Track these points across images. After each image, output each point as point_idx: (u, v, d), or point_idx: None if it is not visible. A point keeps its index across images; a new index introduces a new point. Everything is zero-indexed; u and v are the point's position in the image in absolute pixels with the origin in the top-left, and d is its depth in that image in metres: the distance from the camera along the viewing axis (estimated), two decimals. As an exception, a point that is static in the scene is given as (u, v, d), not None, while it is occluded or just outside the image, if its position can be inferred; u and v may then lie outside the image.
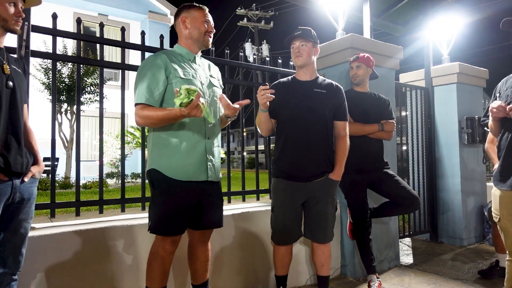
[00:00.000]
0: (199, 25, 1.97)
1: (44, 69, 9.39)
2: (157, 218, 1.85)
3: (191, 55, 2.01)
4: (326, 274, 2.42)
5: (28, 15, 2.04)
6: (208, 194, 1.96)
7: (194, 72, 1.96)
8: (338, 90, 2.41)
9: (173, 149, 1.86)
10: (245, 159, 3.32)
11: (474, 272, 3.21)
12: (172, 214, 1.84)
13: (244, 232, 2.68)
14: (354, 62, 2.87)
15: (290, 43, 2.39)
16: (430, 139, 4.38)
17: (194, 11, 1.98)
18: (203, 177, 1.92)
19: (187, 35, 1.98)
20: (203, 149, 1.92)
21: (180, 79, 1.86)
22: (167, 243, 1.86)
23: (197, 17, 1.97)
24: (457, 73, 4.25)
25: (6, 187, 1.50)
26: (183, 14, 1.99)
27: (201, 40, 2.00)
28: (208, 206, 1.98)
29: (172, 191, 1.84)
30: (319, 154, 2.31)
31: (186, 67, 1.95)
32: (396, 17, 4.80)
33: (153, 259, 1.89)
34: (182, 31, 2.00)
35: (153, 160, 1.90)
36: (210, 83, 2.04)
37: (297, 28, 2.39)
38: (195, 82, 1.92)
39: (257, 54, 23.80)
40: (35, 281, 1.90)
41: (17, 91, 1.56)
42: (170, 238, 1.86)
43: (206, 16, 2.00)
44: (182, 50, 2.01)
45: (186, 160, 1.87)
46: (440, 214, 4.34)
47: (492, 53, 29.37)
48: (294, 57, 2.37)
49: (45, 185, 7.68)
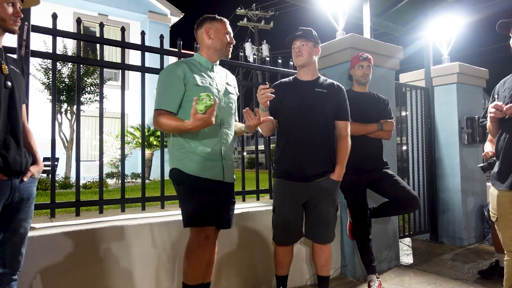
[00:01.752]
0: (221, 37, 2.07)
1: (44, 69, 9.39)
2: (191, 211, 1.92)
3: (210, 64, 2.09)
4: (326, 274, 2.42)
5: (28, 15, 2.04)
6: (223, 194, 2.04)
7: (211, 80, 2.05)
8: (339, 90, 2.41)
9: (192, 150, 1.95)
10: (245, 159, 3.32)
11: (474, 272, 3.21)
12: (203, 206, 1.91)
13: (244, 232, 2.68)
14: (365, 61, 2.84)
15: (291, 43, 2.39)
16: (430, 139, 4.38)
17: (217, 23, 2.08)
18: (220, 177, 2.01)
19: (209, 45, 2.07)
20: (219, 151, 2.01)
21: (197, 86, 1.95)
22: (201, 237, 1.91)
23: (220, 28, 2.07)
24: (457, 73, 4.25)
25: (6, 187, 1.50)
26: (206, 25, 2.07)
27: (223, 51, 2.09)
28: (222, 206, 2.04)
29: (197, 186, 1.93)
30: (320, 154, 2.30)
31: (204, 75, 2.03)
32: (396, 17, 4.80)
33: (189, 255, 1.93)
34: (205, 41, 2.08)
35: (174, 160, 1.99)
36: (226, 91, 2.12)
37: (298, 28, 2.39)
38: (211, 89, 2.01)
39: (257, 54, 23.80)
40: (35, 281, 1.90)
41: (15, 91, 1.56)
42: (204, 232, 1.91)
43: (228, 28, 2.10)
44: (202, 59, 2.09)
45: (204, 162, 1.96)
46: (440, 214, 4.34)
47: (492, 53, 29.38)
48: (295, 57, 2.37)
49: (45, 185, 7.67)
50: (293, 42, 2.37)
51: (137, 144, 10.95)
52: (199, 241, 1.91)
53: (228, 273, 2.57)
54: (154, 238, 2.26)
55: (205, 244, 1.93)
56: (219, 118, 2.01)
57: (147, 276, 2.23)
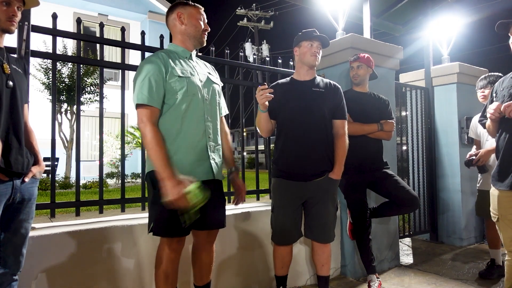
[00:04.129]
0: (195, 22, 1.94)
1: (44, 69, 9.39)
2: (159, 219, 1.79)
3: (187, 53, 1.97)
4: (326, 274, 2.42)
5: (28, 16, 2.05)
6: (212, 193, 1.89)
7: (191, 70, 1.92)
8: (336, 89, 2.42)
9: (173, 148, 1.81)
10: (245, 159, 3.32)
11: (474, 272, 3.22)
12: (174, 214, 1.75)
13: (244, 232, 2.68)
14: (354, 62, 2.87)
15: (307, 39, 2.36)
16: (430, 139, 4.38)
17: (190, 8, 1.95)
18: (207, 177, 1.88)
19: (182, 30, 1.94)
20: (204, 147, 1.88)
21: (178, 77, 1.83)
22: (172, 245, 1.82)
23: (193, 13, 1.94)
24: (457, 73, 4.25)
25: (7, 188, 1.50)
26: (178, 9, 1.94)
27: (198, 37, 1.96)
28: (211, 206, 1.89)
29: None
30: (318, 154, 2.31)
31: (184, 65, 1.91)
32: (396, 17, 4.80)
33: (159, 262, 1.84)
34: (177, 26, 1.94)
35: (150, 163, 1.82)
36: (209, 79, 2.00)
37: (314, 30, 2.39)
38: (193, 79, 1.88)
39: (257, 54, 23.80)
40: (36, 281, 1.90)
41: (17, 91, 1.56)
42: (176, 239, 1.82)
43: (202, 14, 1.98)
44: (178, 48, 1.96)
45: (187, 159, 1.82)
46: (440, 214, 4.34)
47: (492, 53, 29.39)
48: (310, 55, 2.33)
49: (45, 185, 7.68)
50: (312, 40, 2.35)
51: (137, 144, 10.94)
52: (170, 248, 1.81)
53: (228, 273, 2.57)
54: (154, 238, 2.26)
55: (176, 250, 1.83)
56: (203, 111, 1.89)
57: (147, 276, 2.23)
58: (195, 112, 1.86)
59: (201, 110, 1.88)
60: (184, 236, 1.84)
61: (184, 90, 1.83)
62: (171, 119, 1.82)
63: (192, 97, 1.85)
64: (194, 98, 1.86)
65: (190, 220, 1.70)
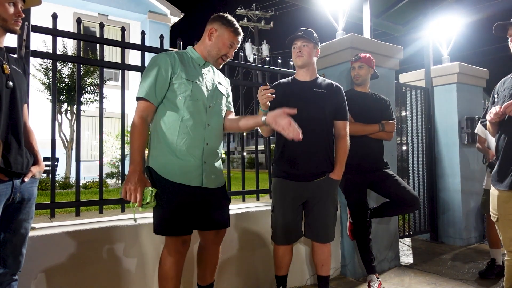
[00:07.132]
0: (221, 45, 1.94)
1: (44, 69, 9.39)
2: (160, 218, 1.83)
3: (201, 61, 1.98)
4: (326, 274, 2.42)
5: (28, 15, 2.04)
6: (210, 194, 1.92)
7: (200, 76, 1.93)
8: (338, 90, 2.41)
9: (169, 149, 1.84)
10: (245, 159, 3.31)
11: (474, 272, 3.22)
12: (174, 213, 1.80)
13: (244, 232, 2.68)
14: (356, 62, 2.87)
15: (291, 43, 2.39)
16: (430, 139, 4.38)
17: (226, 30, 1.93)
18: (195, 183, 1.85)
19: (207, 45, 1.96)
20: (200, 154, 1.87)
21: (185, 80, 1.85)
22: (177, 246, 1.83)
23: (225, 37, 1.93)
24: (457, 73, 4.25)
25: (7, 187, 1.49)
26: (215, 24, 1.95)
27: (214, 59, 1.98)
28: (213, 206, 1.94)
29: (169, 190, 1.81)
30: (319, 154, 2.31)
31: (193, 70, 1.93)
32: (396, 17, 4.80)
33: (163, 263, 1.86)
34: (205, 39, 1.97)
35: (151, 157, 1.89)
36: (217, 90, 2.01)
37: (299, 28, 2.40)
38: (200, 85, 1.90)
39: (257, 54, 23.79)
40: (35, 281, 1.90)
41: (17, 91, 1.56)
42: (181, 239, 1.83)
43: (234, 41, 1.96)
44: (194, 53, 1.99)
45: (180, 163, 1.83)
46: (440, 214, 4.34)
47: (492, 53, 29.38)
48: (295, 57, 2.37)
49: (45, 185, 7.68)
50: (294, 42, 2.37)
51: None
52: (175, 247, 1.83)
53: (228, 273, 2.57)
54: (154, 238, 2.26)
55: (181, 250, 1.85)
56: (204, 117, 1.89)
57: (148, 277, 2.24)
58: (196, 117, 1.87)
59: (203, 116, 1.90)
60: (185, 235, 1.85)
61: (188, 93, 1.85)
62: (171, 120, 1.85)
63: (195, 102, 1.87)
64: (196, 104, 1.88)
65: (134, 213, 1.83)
